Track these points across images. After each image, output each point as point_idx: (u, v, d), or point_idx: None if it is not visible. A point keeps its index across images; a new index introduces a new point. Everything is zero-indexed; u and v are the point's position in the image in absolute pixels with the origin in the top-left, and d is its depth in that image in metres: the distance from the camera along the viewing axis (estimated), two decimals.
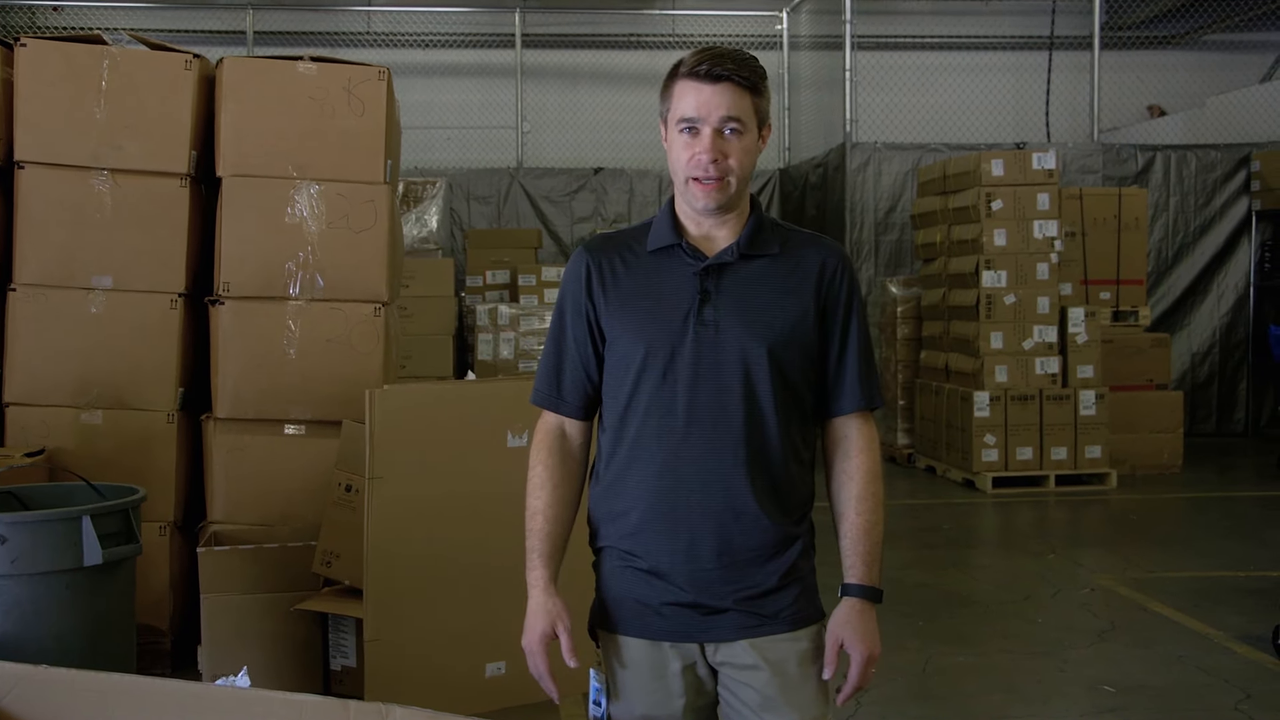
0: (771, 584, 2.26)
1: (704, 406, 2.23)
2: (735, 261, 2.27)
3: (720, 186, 2.23)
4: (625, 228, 2.43)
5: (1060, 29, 13.29)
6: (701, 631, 2.27)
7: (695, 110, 2.22)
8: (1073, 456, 9.32)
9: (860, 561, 2.31)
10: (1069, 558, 7.18)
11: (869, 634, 2.30)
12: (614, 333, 2.29)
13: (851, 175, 11.59)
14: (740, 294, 2.26)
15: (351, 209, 4.94)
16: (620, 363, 2.29)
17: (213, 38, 12.84)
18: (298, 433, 4.93)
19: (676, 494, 2.23)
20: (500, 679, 4.42)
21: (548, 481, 2.35)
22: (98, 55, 4.91)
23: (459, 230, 12.71)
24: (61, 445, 4.82)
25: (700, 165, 2.22)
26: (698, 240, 2.30)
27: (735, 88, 2.22)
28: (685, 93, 2.24)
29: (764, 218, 2.34)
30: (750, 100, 2.24)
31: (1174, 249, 11.93)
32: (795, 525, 2.30)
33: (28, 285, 4.87)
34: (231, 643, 4.47)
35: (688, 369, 2.23)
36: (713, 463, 2.23)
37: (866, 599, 2.31)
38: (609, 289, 2.30)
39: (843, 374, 2.33)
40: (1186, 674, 5.05)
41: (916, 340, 10.68)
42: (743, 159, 2.24)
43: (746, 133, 2.24)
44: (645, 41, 13.59)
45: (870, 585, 2.31)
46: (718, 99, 2.21)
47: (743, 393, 2.23)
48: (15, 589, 3.55)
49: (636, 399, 2.26)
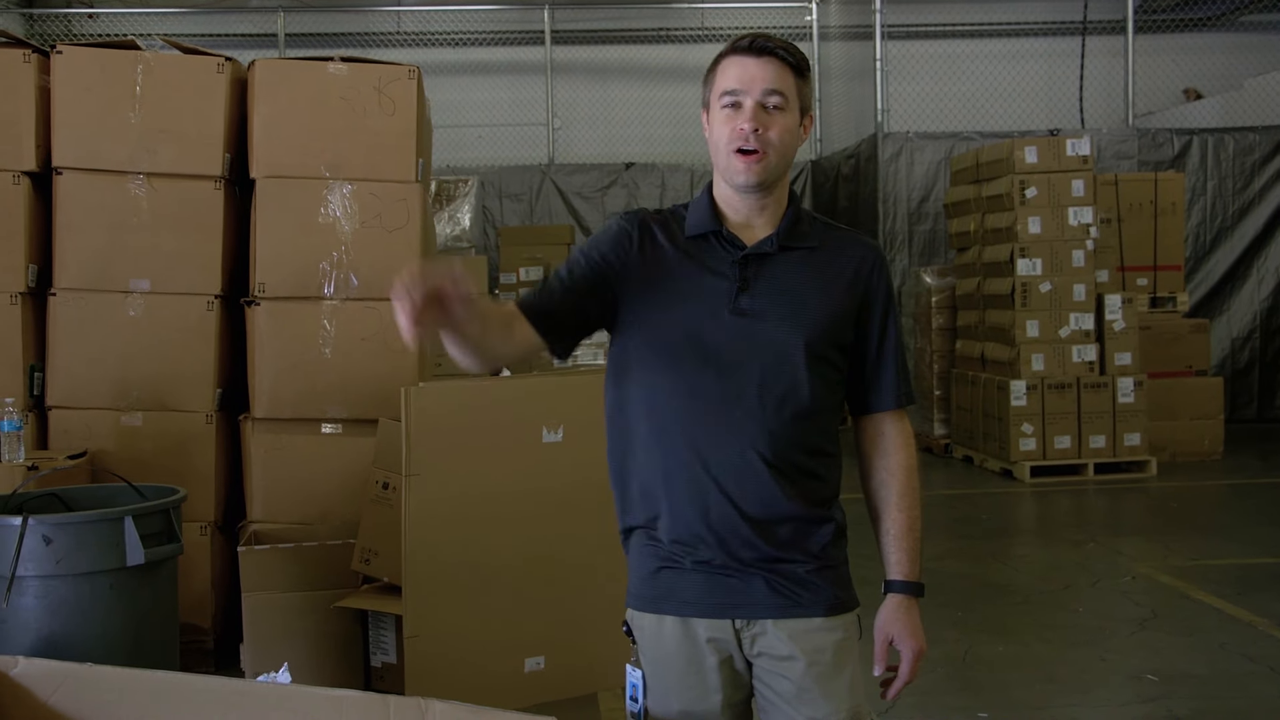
0: (801, 561, 2.26)
1: (735, 395, 2.22)
2: (774, 252, 2.27)
3: (761, 159, 2.21)
4: (667, 208, 2.40)
5: (1093, 13, 13.18)
6: (734, 606, 2.25)
7: (739, 82, 2.22)
8: (1111, 444, 9.24)
9: (905, 558, 2.33)
10: (1109, 546, 7.13)
11: (916, 629, 2.33)
12: (644, 312, 2.26)
13: (884, 165, 11.54)
14: (778, 285, 2.25)
15: (384, 208, 4.97)
16: (653, 346, 2.27)
17: (245, 41, 12.93)
18: (335, 431, 4.97)
19: (705, 480, 2.23)
20: (539, 673, 4.44)
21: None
22: (132, 61, 4.95)
23: (492, 228, 12.75)
24: (103, 447, 4.87)
25: (742, 135, 2.21)
26: (736, 228, 2.29)
27: (780, 63, 2.23)
28: (729, 67, 2.25)
29: (802, 210, 2.34)
30: (794, 79, 2.24)
31: (1212, 233, 11.81)
32: (825, 511, 2.30)
33: (67, 289, 4.93)
34: (273, 640, 4.51)
35: (721, 356, 2.22)
36: (742, 450, 2.22)
37: (912, 594, 2.34)
38: (644, 263, 2.27)
39: (881, 371, 2.34)
40: (1230, 662, 5.00)
41: (951, 330, 10.62)
42: (784, 136, 2.23)
43: (788, 111, 2.23)
44: (674, 35, 13.58)
45: (915, 581, 2.34)
46: (762, 71, 2.22)
47: (777, 383, 2.23)
48: (60, 589, 3.60)
49: (667, 383, 2.25)
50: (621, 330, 2.31)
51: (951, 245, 10.77)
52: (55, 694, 2.38)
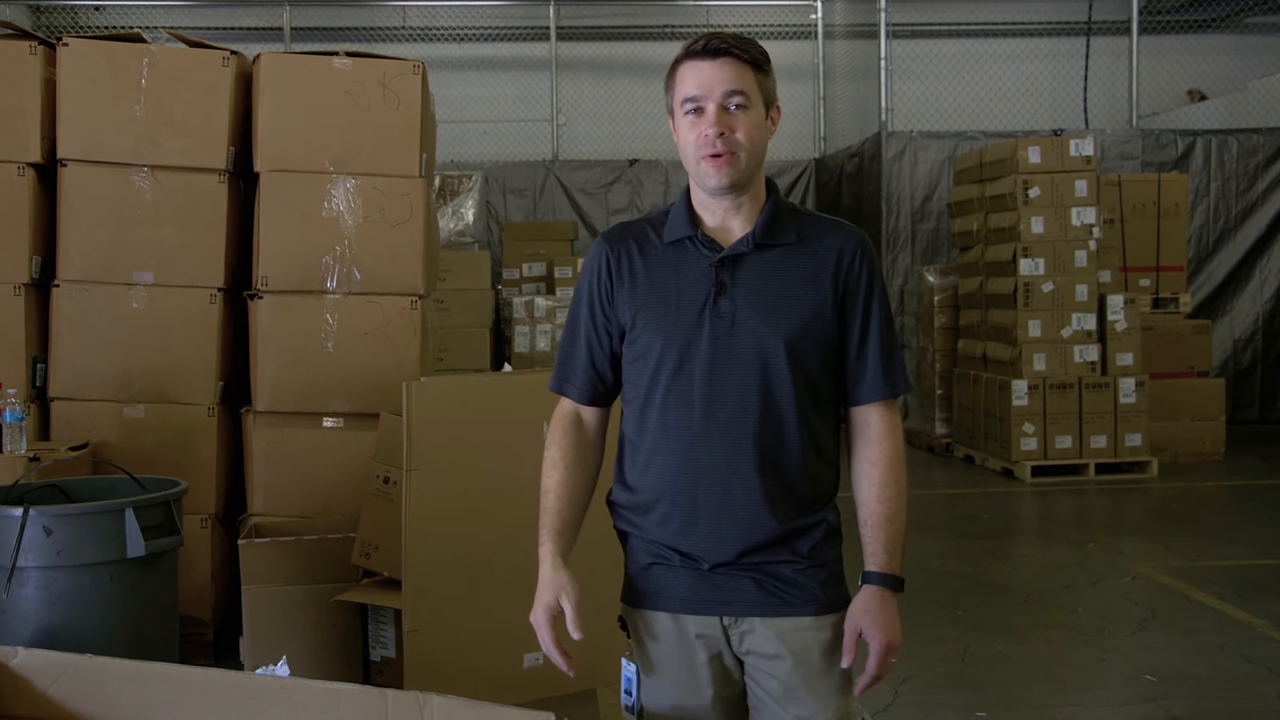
0: (790, 561, 2.26)
1: (721, 399, 2.22)
2: (751, 252, 2.25)
3: (730, 161, 2.21)
4: (645, 214, 2.42)
5: (1098, 14, 13.17)
6: (722, 604, 2.26)
7: (698, 87, 2.21)
8: (1113, 445, 9.24)
9: (881, 549, 2.28)
10: (1109, 546, 7.13)
11: (888, 622, 2.26)
12: (631, 325, 2.29)
13: (887, 164, 11.53)
14: (756, 285, 2.24)
15: (387, 203, 4.98)
16: (639, 355, 2.29)
17: (251, 34, 12.93)
18: (336, 425, 4.98)
19: (695, 486, 2.24)
20: (538, 669, 4.44)
21: (560, 461, 2.36)
22: (137, 53, 4.96)
23: (495, 223, 12.76)
24: (105, 439, 4.88)
25: (708, 141, 2.20)
26: (713, 231, 2.29)
27: (736, 62, 2.21)
28: (687, 73, 2.23)
29: (781, 203, 2.31)
30: (753, 75, 2.22)
31: (1215, 235, 11.80)
32: (816, 513, 2.29)
33: (71, 281, 4.94)
34: (273, 633, 4.52)
35: (704, 362, 2.22)
36: (730, 455, 2.22)
37: (887, 587, 2.28)
38: (625, 281, 2.30)
39: (864, 363, 2.31)
40: (1229, 663, 5.01)
41: (954, 329, 10.62)
42: (751, 134, 2.22)
43: (752, 108, 2.22)
44: (680, 33, 13.56)
45: (891, 573, 2.28)
46: (719, 73, 2.20)
47: (759, 385, 2.22)
48: (61, 580, 3.61)
49: (654, 391, 2.27)
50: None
51: (954, 244, 10.77)
52: (55, 684, 2.39)
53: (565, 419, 2.41)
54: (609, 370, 2.37)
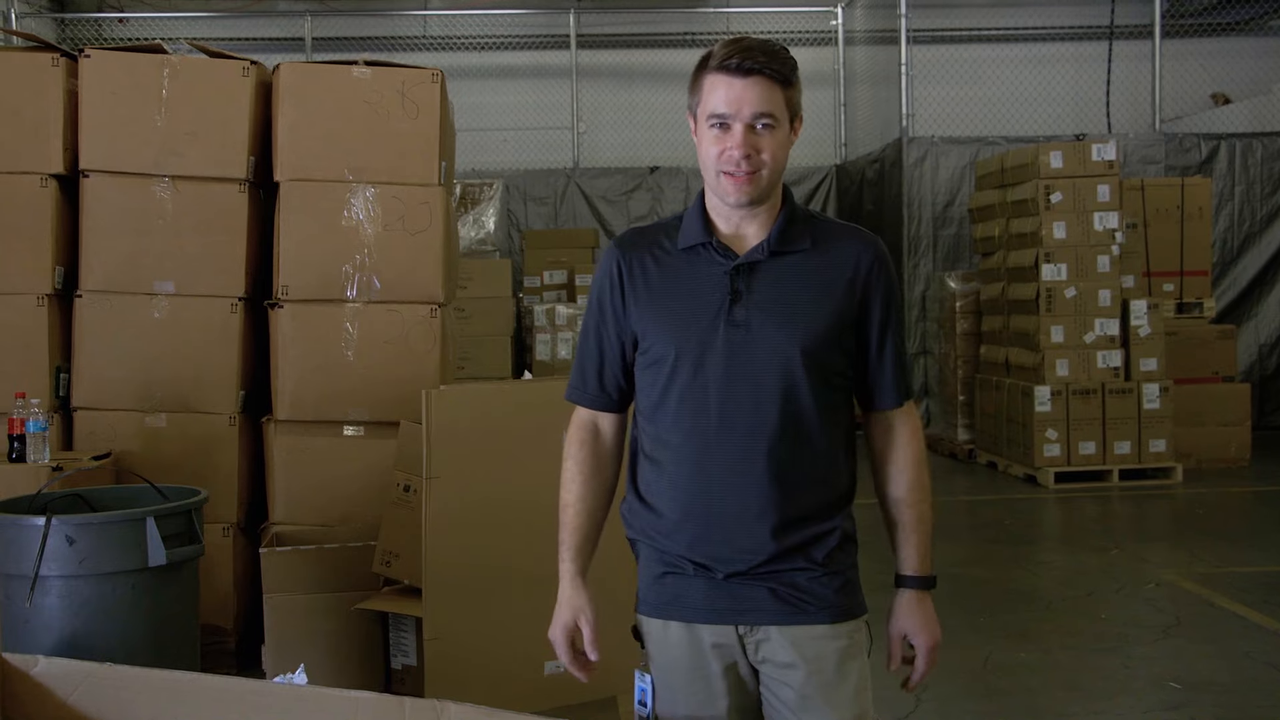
0: (806, 569, 2.25)
1: (736, 407, 2.22)
2: (766, 259, 2.25)
3: (752, 180, 2.21)
4: (659, 220, 2.42)
5: (1120, 18, 13.10)
6: (738, 613, 2.25)
7: (726, 105, 2.19)
8: (1136, 451, 9.19)
9: (914, 552, 2.34)
10: (1133, 553, 7.09)
11: (929, 621, 2.34)
12: (645, 332, 2.29)
13: (908, 170, 11.51)
14: (772, 293, 2.23)
15: (407, 211, 4.99)
16: (652, 363, 2.29)
17: (272, 45, 13.00)
18: (357, 434, 4.99)
19: (709, 495, 2.23)
20: (559, 677, 4.43)
21: (579, 475, 2.38)
22: (158, 64, 4.99)
23: (516, 231, 12.78)
24: (127, 448, 4.90)
25: (732, 161, 2.20)
26: (728, 237, 2.28)
27: (767, 81, 2.19)
28: (716, 87, 2.21)
29: (796, 210, 2.31)
30: (782, 94, 2.21)
31: (1240, 239, 11.73)
32: (831, 520, 2.28)
33: (93, 291, 4.97)
34: (295, 642, 4.53)
35: (719, 370, 2.22)
36: (745, 463, 2.22)
37: (925, 589, 2.35)
38: (639, 289, 2.30)
39: (883, 369, 2.32)
40: (1254, 670, 4.97)
41: (976, 335, 10.58)
42: (775, 153, 2.21)
43: (779, 127, 2.21)
44: (700, 40, 13.55)
45: (925, 575, 2.35)
46: (749, 94, 2.18)
47: (776, 393, 2.21)
48: (83, 589, 3.63)
49: (668, 399, 2.26)
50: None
51: (976, 250, 10.73)
52: (75, 693, 2.40)
53: (582, 428, 2.42)
54: (624, 378, 2.37)
